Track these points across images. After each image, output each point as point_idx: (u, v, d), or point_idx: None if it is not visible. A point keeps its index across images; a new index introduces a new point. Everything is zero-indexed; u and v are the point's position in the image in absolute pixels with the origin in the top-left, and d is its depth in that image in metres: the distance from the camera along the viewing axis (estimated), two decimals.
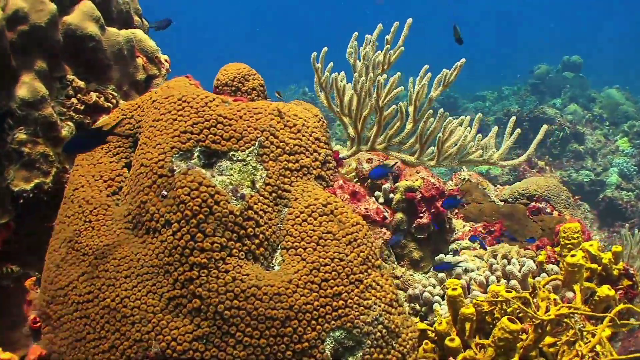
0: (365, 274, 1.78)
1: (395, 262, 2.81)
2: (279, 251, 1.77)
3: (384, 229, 2.78)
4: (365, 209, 2.37)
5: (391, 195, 2.82)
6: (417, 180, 2.75)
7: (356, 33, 2.05)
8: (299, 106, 1.99)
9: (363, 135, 2.07)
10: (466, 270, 2.57)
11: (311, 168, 1.89)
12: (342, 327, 1.66)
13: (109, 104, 2.09)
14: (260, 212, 1.74)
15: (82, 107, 2.02)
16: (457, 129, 1.93)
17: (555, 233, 2.95)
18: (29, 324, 1.86)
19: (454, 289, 2.03)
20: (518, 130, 1.91)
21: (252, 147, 1.81)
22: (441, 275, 2.55)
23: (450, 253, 2.87)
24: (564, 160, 8.80)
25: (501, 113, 10.89)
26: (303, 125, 1.92)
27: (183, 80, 1.96)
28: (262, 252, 1.73)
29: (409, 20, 2.00)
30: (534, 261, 2.50)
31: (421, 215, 2.78)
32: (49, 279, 1.82)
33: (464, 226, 3.10)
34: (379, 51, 1.96)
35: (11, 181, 1.90)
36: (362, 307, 1.69)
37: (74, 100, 2.00)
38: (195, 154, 1.76)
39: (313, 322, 1.64)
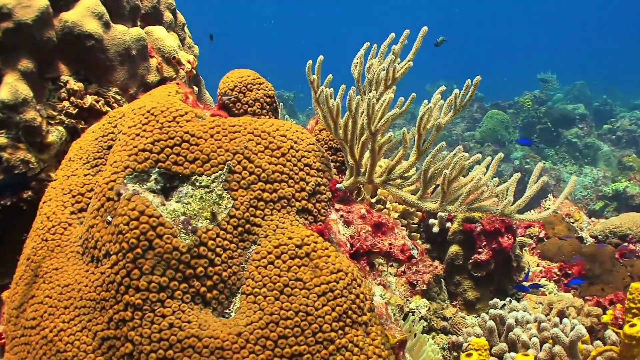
0: (340, 332, 1.51)
1: (447, 301, 2.49)
2: (238, 296, 1.54)
3: (435, 262, 2.45)
4: (390, 244, 2.07)
5: (448, 224, 2.49)
6: None
7: (367, 43, 1.75)
8: (294, 126, 1.74)
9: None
10: (518, 322, 2.19)
11: (293, 200, 1.63)
12: None
13: (109, 109, 1.95)
14: (218, 249, 1.52)
15: (75, 111, 1.89)
16: (469, 167, 1.59)
17: None
18: None
19: (468, 355, 1.70)
20: (544, 178, 1.54)
21: (220, 171, 1.58)
22: (490, 323, 2.19)
23: (511, 298, 2.49)
24: None
25: None
26: (290, 148, 1.67)
27: (167, 89, 1.77)
28: (215, 296, 1.51)
29: (424, 30, 1.68)
30: (599, 320, 2.08)
31: (480, 250, 2.42)
32: (9, 297, 1.72)
33: (537, 265, 2.69)
34: (387, 65, 1.66)
35: None
36: None
37: (65, 103, 1.88)
38: (153, 176, 1.57)
39: None
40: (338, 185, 1.69)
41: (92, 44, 1.95)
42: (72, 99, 1.91)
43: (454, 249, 2.51)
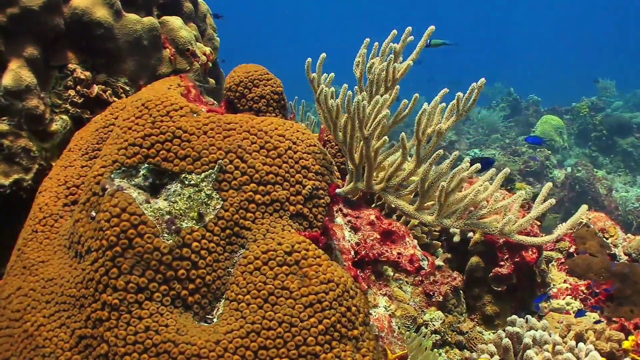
0: (326, 346, 1.44)
1: (465, 315, 2.38)
2: (222, 301, 1.48)
3: (455, 273, 2.35)
4: (398, 254, 1.98)
5: (470, 234, 2.38)
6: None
7: (367, 40, 1.65)
8: (296, 125, 1.66)
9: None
10: (535, 342, 2.07)
11: (287, 203, 1.56)
12: None
13: (116, 99, 1.91)
14: (202, 252, 1.46)
15: (80, 100, 1.86)
16: (471, 178, 1.49)
17: None
18: None
19: None
20: (552, 200, 1.42)
21: (210, 170, 1.52)
22: (505, 341, 2.08)
23: (531, 314, 2.36)
24: None
25: None
26: (288, 149, 1.59)
27: (168, 81, 1.72)
28: (197, 300, 1.45)
29: (431, 29, 1.57)
30: (620, 346, 1.94)
31: (501, 263, 2.30)
32: (0, 286, 1.69)
33: (564, 281, 2.54)
34: (385, 65, 1.56)
35: None
36: None
37: (71, 92, 1.85)
38: (142, 172, 1.52)
39: None
40: (338, 191, 1.61)
41: (102, 32, 1.91)
42: (79, 87, 1.88)
43: (474, 260, 2.39)
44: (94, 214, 1.49)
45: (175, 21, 2.14)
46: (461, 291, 2.43)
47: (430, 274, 2.44)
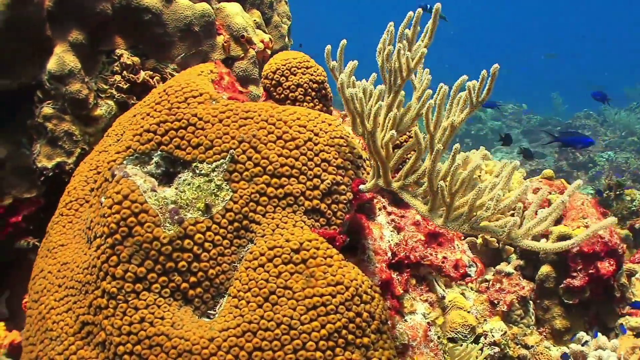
0: (328, 353, 1.36)
1: (532, 327, 2.18)
2: (226, 297, 1.42)
3: (523, 282, 2.16)
4: (444, 257, 1.83)
5: (543, 239, 2.17)
6: (578, 227, 2.07)
7: (391, 24, 1.51)
8: (323, 116, 1.56)
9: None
10: None
11: (302, 198, 1.47)
12: None
13: None
14: (207, 244, 1.41)
15: (126, 86, 1.86)
16: (479, 176, 1.33)
17: None
18: (23, 305, 1.81)
19: None
20: (564, 199, 1.23)
21: (222, 160, 1.46)
22: None
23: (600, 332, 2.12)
24: None
25: None
26: (308, 140, 1.50)
27: (201, 67, 1.68)
28: (198, 294, 1.40)
29: (437, 6, 1.41)
30: None
31: (574, 274, 2.09)
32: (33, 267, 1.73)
33: None
34: (396, 54, 1.43)
35: (37, 156, 1.84)
36: None
37: (117, 77, 1.85)
38: (154, 159, 1.49)
39: None
40: (361, 187, 1.49)
41: (149, 17, 1.90)
42: (125, 73, 1.88)
43: (545, 269, 2.19)
44: (103, 200, 1.47)
45: (231, 7, 2.10)
46: (531, 302, 2.23)
47: (497, 281, 2.26)
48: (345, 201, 1.53)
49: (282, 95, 1.75)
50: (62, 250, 1.60)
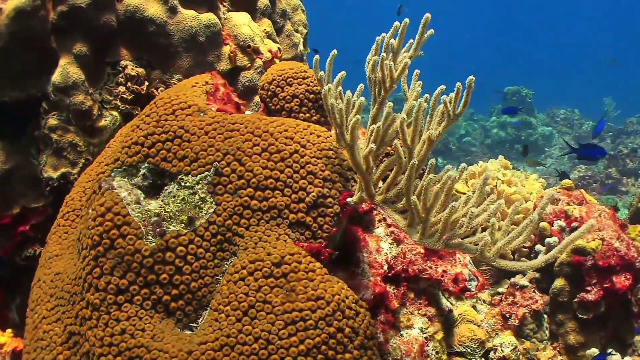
0: None
1: (545, 342, 2.12)
2: (208, 310, 1.42)
3: (537, 296, 2.11)
4: (443, 271, 1.79)
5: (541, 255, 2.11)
6: (593, 240, 2.01)
7: (382, 35, 1.48)
8: (312, 127, 1.55)
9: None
10: None
11: (286, 211, 1.47)
12: None
13: None
14: (189, 257, 1.42)
15: (130, 97, 1.90)
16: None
17: None
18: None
19: None
20: (534, 218, 1.19)
21: (207, 172, 1.46)
22: None
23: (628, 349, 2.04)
24: None
25: None
26: (295, 152, 1.50)
27: (197, 79, 1.69)
28: (180, 307, 1.41)
29: (426, 17, 1.39)
30: None
31: (588, 288, 2.02)
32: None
33: None
34: (378, 64, 1.40)
35: (43, 166, 1.88)
36: None
37: (121, 88, 1.89)
38: (142, 172, 1.50)
39: None
40: (348, 200, 1.48)
41: (154, 29, 1.93)
42: (129, 84, 1.91)
43: (558, 282, 2.12)
44: (90, 211, 1.49)
45: (238, 17, 2.11)
46: (545, 316, 2.17)
47: (510, 294, 2.21)
48: (332, 214, 1.51)
49: (278, 106, 1.74)
50: (56, 260, 1.63)
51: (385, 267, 1.73)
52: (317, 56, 1.49)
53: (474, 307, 2.12)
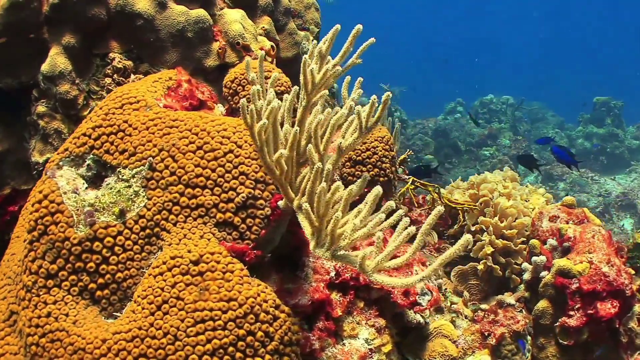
0: None
1: None
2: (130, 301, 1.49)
3: (519, 316, 2.06)
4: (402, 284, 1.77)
5: (544, 272, 2.06)
6: (582, 262, 1.95)
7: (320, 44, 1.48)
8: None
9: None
10: None
11: (214, 210, 1.52)
12: None
13: None
14: (116, 248, 1.50)
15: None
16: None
17: None
18: None
19: None
20: (412, 229, 1.17)
21: (142, 167, 1.53)
22: None
23: None
24: None
25: None
26: (229, 152, 1.54)
27: (161, 74, 1.77)
28: (105, 295, 1.50)
29: (357, 27, 1.38)
30: None
31: (570, 313, 1.96)
32: None
33: None
34: (305, 66, 1.41)
35: (32, 151, 2.01)
36: None
37: (107, 80, 1.99)
38: (87, 162, 1.58)
39: None
40: (279, 203, 1.51)
41: (142, 23, 2.01)
42: (115, 76, 2.00)
43: (541, 304, 2.05)
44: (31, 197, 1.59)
45: (231, 14, 2.16)
46: (529, 337, 2.11)
47: (492, 312, 2.15)
48: (262, 216, 1.54)
49: (239, 105, 1.78)
50: (16, 241, 1.74)
51: (333, 274, 1.74)
52: (262, 53, 1.52)
53: (452, 322, 2.09)
